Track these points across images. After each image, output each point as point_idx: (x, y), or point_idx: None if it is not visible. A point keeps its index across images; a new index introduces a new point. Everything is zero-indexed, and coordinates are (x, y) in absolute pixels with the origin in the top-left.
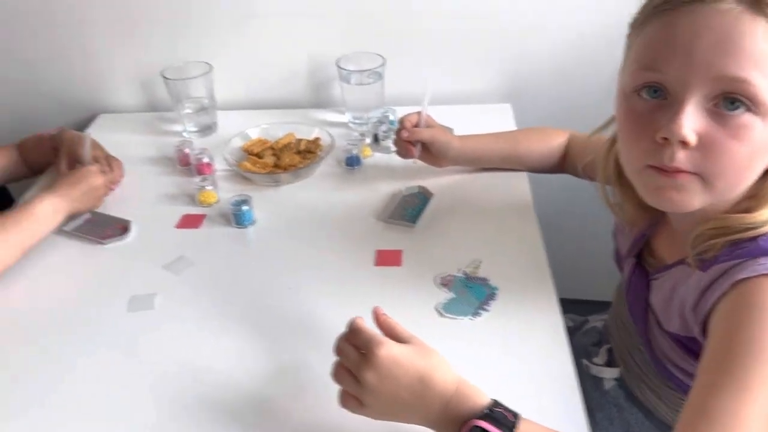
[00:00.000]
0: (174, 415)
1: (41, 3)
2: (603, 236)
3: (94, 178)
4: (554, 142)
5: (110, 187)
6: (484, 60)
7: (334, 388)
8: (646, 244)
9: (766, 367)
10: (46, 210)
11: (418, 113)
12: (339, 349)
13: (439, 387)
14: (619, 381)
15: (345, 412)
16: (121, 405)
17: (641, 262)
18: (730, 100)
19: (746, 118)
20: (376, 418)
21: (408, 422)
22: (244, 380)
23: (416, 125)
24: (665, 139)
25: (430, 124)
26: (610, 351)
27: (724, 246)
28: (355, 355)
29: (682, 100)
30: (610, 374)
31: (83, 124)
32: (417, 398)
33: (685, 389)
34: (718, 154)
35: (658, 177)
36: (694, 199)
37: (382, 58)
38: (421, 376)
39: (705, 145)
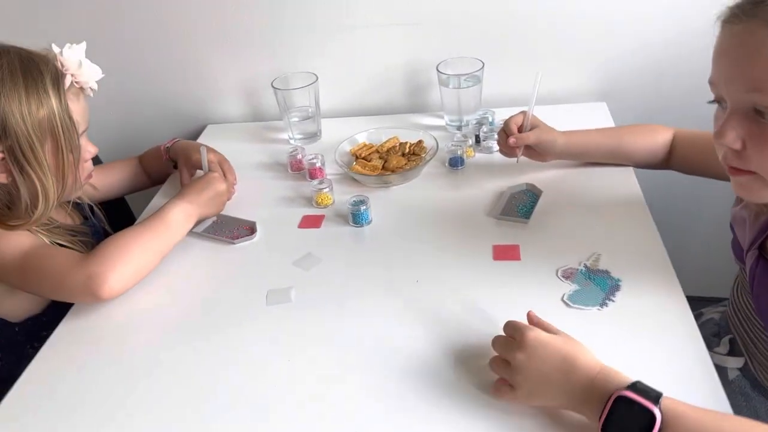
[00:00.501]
0: (322, 402)
1: (153, 22)
2: (706, 233)
3: (218, 184)
4: (660, 138)
5: (231, 191)
6: (580, 60)
7: (461, 378)
8: (767, 237)
9: None
10: (178, 217)
11: (524, 113)
12: (495, 340)
13: (584, 367)
14: (743, 371)
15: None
16: (272, 393)
17: (764, 254)
18: (759, 112)
19: (757, 127)
20: (524, 401)
21: (554, 403)
22: (386, 364)
23: (521, 126)
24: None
25: (535, 124)
26: (731, 341)
27: None
28: (508, 341)
29: (728, 110)
30: (734, 363)
31: (193, 135)
32: (563, 376)
33: None
34: (759, 152)
35: (730, 174)
36: (761, 192)
37: (481, 62)
38: (565, 357)
39: (754, 146)
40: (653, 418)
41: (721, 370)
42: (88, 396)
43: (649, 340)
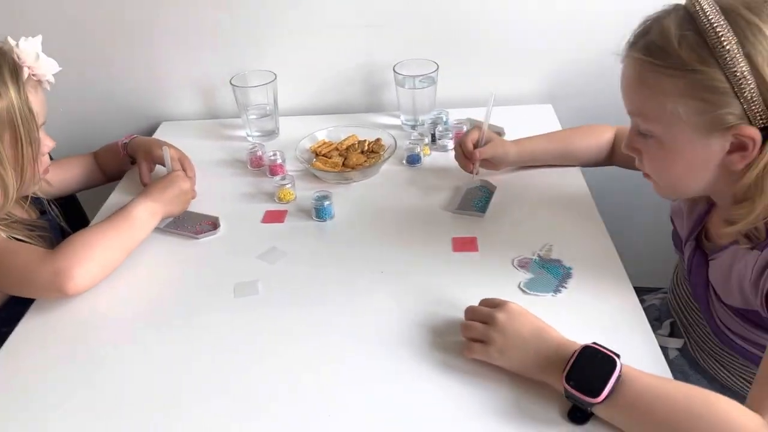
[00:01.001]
0: (293, 392)
1: (108, 16)
2: (647, 225)
3: (182, 182)
4: (603, 137)
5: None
6: (528, 64)
7: (429, 362)
8: (702, 228)
9: None
10: (142, 214)
11: (478, 128)
12: (471, 309)
13: (554, 334)
14: (682, 351)
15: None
16: (245, 384)
17: (700, 244)
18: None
19: (652, 141)
20: (495, 357)
21: (521, 363)
22: (351, 355)
23: (476, 143)
24: None
25: (489, 138)
26: (672, 324)
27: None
28: (488, 309)
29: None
30: (674, 344)
31: (148, 132)
32: (535, 339)
33: (745, 355)
34: (647, 163)
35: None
36: (662, 191)
37: (436, 63)
38: (539, 326)
39: (644, 157)
40: (614, 365)
41: (662, 350)
42: (51, 394)
43: (600, 322)
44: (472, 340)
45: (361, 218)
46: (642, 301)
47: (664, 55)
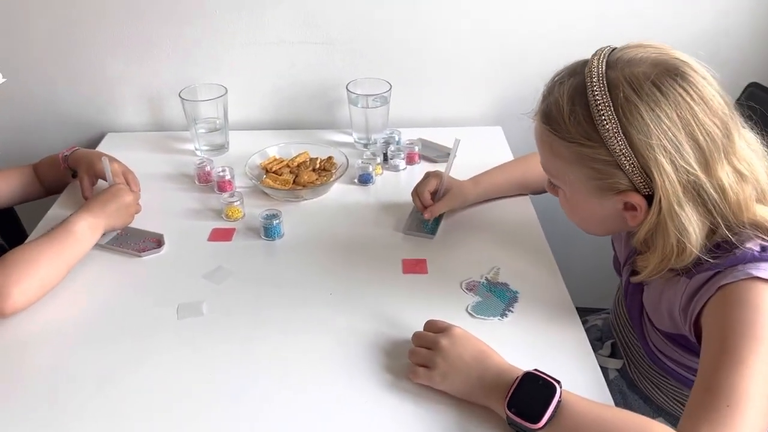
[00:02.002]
0: (238, 417)
1: (51, 25)
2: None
3: (125, 195)
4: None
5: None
6: (478, 87)
7: (377, 383)
8: (637, 254)
9: (756, 344)
10: (83, 229)
11: (436, 176)
12: (417, 335)
13: (496, 359)
14: (621, 372)
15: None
16: (186, 407)
17: (635, 269)
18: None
19: (559, 191)
20: (438, 382)
21: (464, 387)
22: (299, 379)
23: (435, 191)
24: None
25: (448, 187)
26: (613, 345)
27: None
28: (433, 334)
29: None
30: (613, 365)
31: (92, 143)
32: (478, 364)
33: (677, 378)
34: (561, 205)
35: None
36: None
37: (389, 83)
38: (482, 350)
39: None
40: (554, 391)
41: (603, 371)
42: None
43: (545, 345)
44: (417, 365)
45: (310, 238)
46: (585, 322)
47: (556, 126)
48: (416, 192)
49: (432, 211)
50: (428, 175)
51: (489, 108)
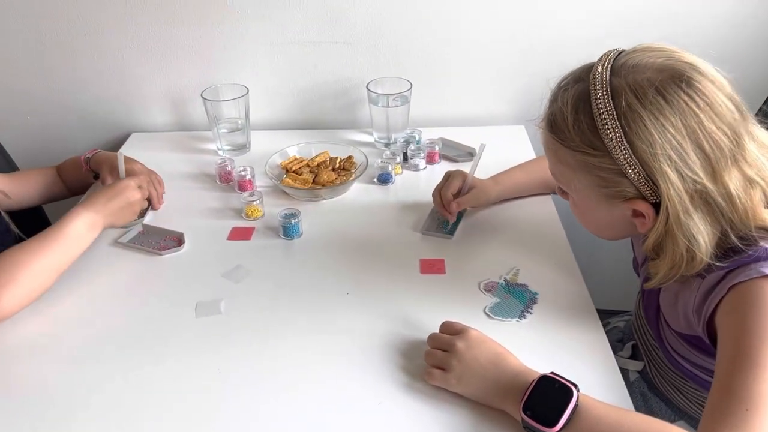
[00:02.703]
0: (255, 416)
1: (78, 28)
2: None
3: (130, 192)
4: None
5: (160, 201)
6: (500, 84)
7: (393, 384)
8: (649, 260)
9: None
10: (78, 227)
11: (461, 176)
12: (432, 337)
13: (512, 362)
14: (642, 373)
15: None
16: (205, 407)
17: (647, 275)
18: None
19: (570, 198)
20: (454, 384)
21: (479, 390)
22: (315, 378)
23: (459, 191)
24: None
25: (472, 185)
26: (634, 347)
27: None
28: (448, 336)
29: None
30: (634, 366)
31: (117, 143)
32: (494, 367)
33: (696, 380)
34: (574, 212)
35: None
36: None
37: (409, 82)
38: (498, 354)
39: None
40: (570, 395)
41: (623, 372)
42: (6, 415)
43: (563, 348)
44: (433, 367)
45: (329, 237)
46: (607, 324)
47: (561, 135)
48: (438, 193)
49: (458, 204)
50: (449, 176)
51: (511, 107)
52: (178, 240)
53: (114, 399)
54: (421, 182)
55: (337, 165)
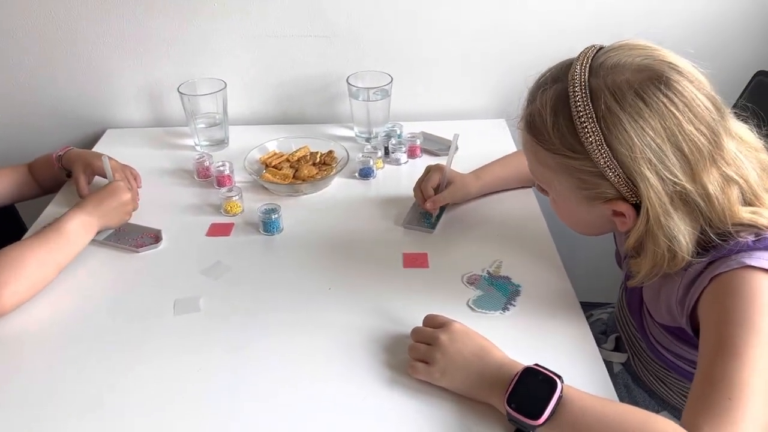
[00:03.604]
0: (236, 414)
1: (49, 21)
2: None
3: (122, 193)
4: None
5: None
6: (480, 80)
7: (377, 379)
8: (630, 257)
9: (753, 335)
10: (76, 227)
11: (438, 170)
12: (416, 330)
13: (496, 354)
14: (625, 365)
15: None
16: (184, 405)
17: (629, 273)
18: None
19: (550, 195)
20: (437, 378)
21: (463, 384)
22: (298, 375)
23: (438, 185)
24: None
25: (450, 179)
26: (617, 339)
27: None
28: (432, 330)
29: None
30: (617, 359)
31: (92, 139)
32: (478, 360)
33: (679, 371)
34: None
35: None
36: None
37: (390, 76)
38: (482, 346)
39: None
40: (555, 387)
41: (607, 365)
42: None
43: (547, 340)
44: (417, 360)
45: (310, 232)
46: (590, 316)
47: (540, 136)
48: (419, 187)
49: (434, 201)
50: (429, 170)
51: (492, 101)
52: (155, 236)
53: (91, 398)
54: (402, 176)
55: (318, 160)
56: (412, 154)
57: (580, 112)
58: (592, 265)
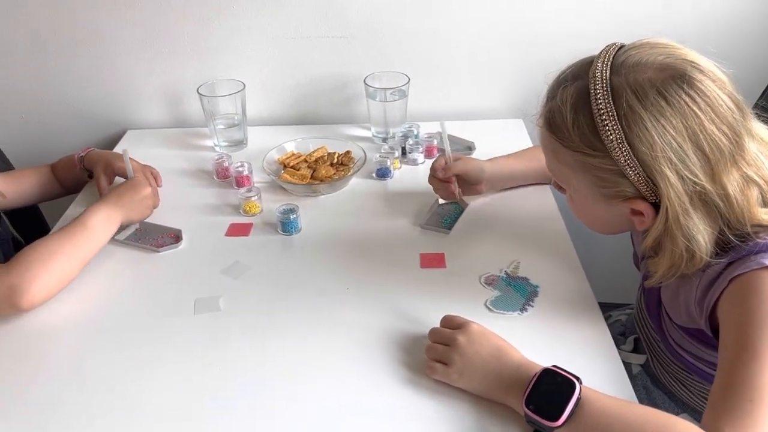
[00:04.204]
0: (255, 413)
1: (73, 24)
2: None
3: (143, 188)
4: None
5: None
6: (498, 79)
7: (395, 379)
8: (648, 257)
9: None
10: (99, 221)
11: (443, 155)
12: (433, 331)
13: (514, 355)
14: (644, 367)
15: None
16: (204, 405)
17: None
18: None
19: (567, 193)
20: (455, 379)
21: (481, 385)
22: (316, 374)
23: (445, 165)
24: None
25: (457, 157)
26: (636, 340)
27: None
28: (450, 330)
29: None
30: (636, 360)
31: (113, 141)
32: (495, 360)
33: (699, 373)
34: (568, 204)
35: None
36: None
37: (407, 76)
38: (499, 347)
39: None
40: (573, 388)
41: (626, 366)
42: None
43: (566, 340)
44: (434, 361)
45: (328, 232)
46: (609, 317)
47: (560, 134)
48: (431, 174)
49: (445, 169)
50: (437, 157)
51: (509, 100)
52: (175, 236)
53: (112, 397)
54: (419, 176)
55: (335, 160)
56: (429, 154)
57: (601, 109)
58: (610, 266)
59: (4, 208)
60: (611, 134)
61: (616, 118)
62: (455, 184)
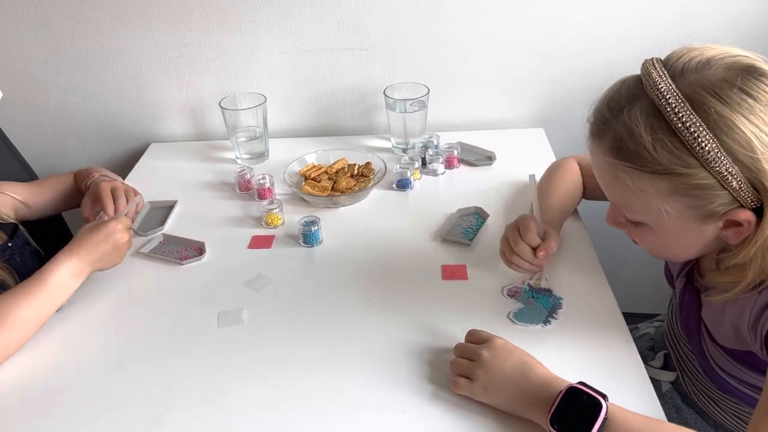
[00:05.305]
0: (278, 425)
1: (96, 40)
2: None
3: (118, 235)
4: (576, 172)
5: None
6: (518, 89)
7: (417, 392)
8: (695, 264)
9: None
10: (62, 276)
11: (534, 224)
12: (458, 346)
13: (539, 371)
14: (675, 384)
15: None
16: (228, 418)
17: (691, 280)
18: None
19: (643, 227)
20: (479, 394)
21: (506, 400)
22: (339, 387)
23: (537, 234)
24: None
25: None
26: (666, 356)
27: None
28: (474, 345)
29: None
30: (666, 377)
31: (137, 153)
32: (520, 376)
33: (737, 395)
34: (640, 241)
35: None
36: (657, 255)
37: (426, 87)
38: (524, 362)
39: (631, 233)
40: (600, 408)
41: (654, 383)
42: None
43: (590, 354)
44: (459, 376)
45: (349, 244)
46: (636, 329)
47: (640, 160)
48: (508, 249)
49: (546, 250)
50: (520, 227)
51: (530, 109)
52: (199, 249)
53: (136, 410)
54: (440, 187)
55: (356, 171)
56: (449, 164)
57: (687, 122)
58: (635, 275)
59: (29, 218)
60: (706, 144)
61: (705, 127)
62: (545, 271)
